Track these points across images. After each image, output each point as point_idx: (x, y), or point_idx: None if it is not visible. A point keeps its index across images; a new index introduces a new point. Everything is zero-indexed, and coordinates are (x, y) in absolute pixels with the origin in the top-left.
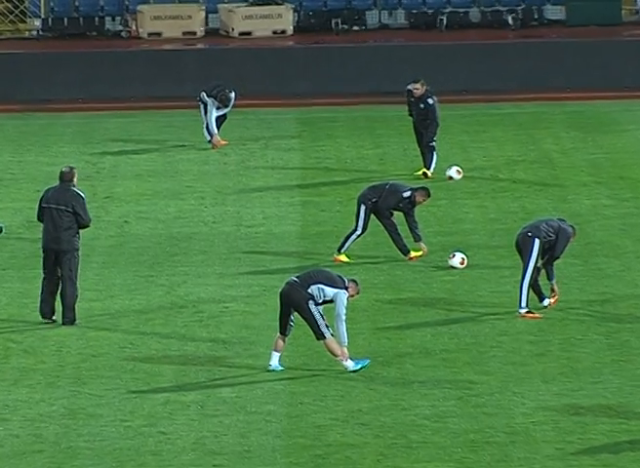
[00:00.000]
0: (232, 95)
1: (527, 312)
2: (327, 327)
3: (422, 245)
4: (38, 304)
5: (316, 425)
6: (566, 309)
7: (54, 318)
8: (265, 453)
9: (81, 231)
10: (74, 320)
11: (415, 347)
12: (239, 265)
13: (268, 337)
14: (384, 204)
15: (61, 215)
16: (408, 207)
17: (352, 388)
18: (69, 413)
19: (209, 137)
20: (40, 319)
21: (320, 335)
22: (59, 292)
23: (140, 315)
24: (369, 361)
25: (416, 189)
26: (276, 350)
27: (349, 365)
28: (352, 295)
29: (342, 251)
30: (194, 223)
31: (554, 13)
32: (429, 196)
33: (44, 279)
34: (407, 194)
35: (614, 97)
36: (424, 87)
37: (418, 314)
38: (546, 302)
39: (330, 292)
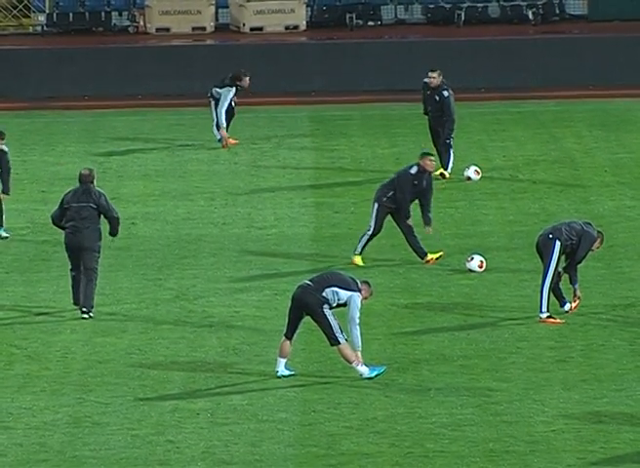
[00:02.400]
0: (247, 78)
1: (548, 317)
2: (341, 332)
3: (430, 229)
4: (71, 294)
5: (330, 434)
6: (588, 314)
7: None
8: (277, 463)
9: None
10: (92, 308)
11: (431, 353)
12: (250, 268)
13: None
14: (402, 192)
15: (83, 213)
16: (425, 179)
17: (367, 395)
18: (75, 421)
19: (219, 136)
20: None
21: (334, 341)
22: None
23: (147, 320)
24: (385, 368)
25: (418, 161)
26: (282, 356)
27: (364, 371)
28: (365, 298)
29: (356, 252)
30: (204, 225)
31: (576, 7)
32: (432, 155)
33: (71, 270)
34: (414, 169)
35: (638, 95)
36: (441, 77)
37: (435, 319)
38: (567, 307)
39: (344, 294)
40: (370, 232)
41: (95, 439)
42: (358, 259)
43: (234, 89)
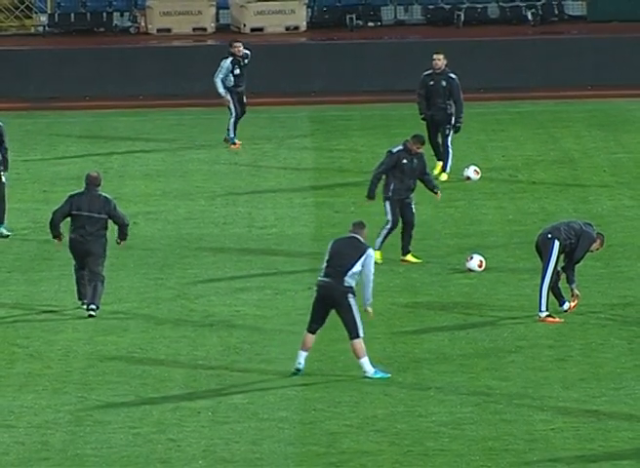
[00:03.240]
0: (237, 44)
1: (547, 316)
2: (362, 325)
3: (439, 193)
4: (75, 290)
5: (330, 432)
6: (587, 313)
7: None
8: (278, 461)
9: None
10: (97, 308)
11: (431, 352)
12: (251, 268)
13: (281, 342)
14: (376, 167)
15: (93, 223)
16: (417, 159)
17: (367, 394)
18: (76, 420)
19: (232, 135)
20: (78, 304)
21: (356, 334)
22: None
23: (148, 319)
24: (389, 376)
25: (406, 140)
26: (304, 349)
27: (369, 370)
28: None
29: (376, 248)
30: (204, 224)
31: (575, 8)
32: (422, 143)
33: (75, 265)
34: (397, 148)
35: (636, 96)
36: (445, 61)
37: (434, 318)
38: (566, 306)
39: (360, 264)
40: (389, 226)
41: (96, 437)
42: (378, 255)
43: (229, 58)
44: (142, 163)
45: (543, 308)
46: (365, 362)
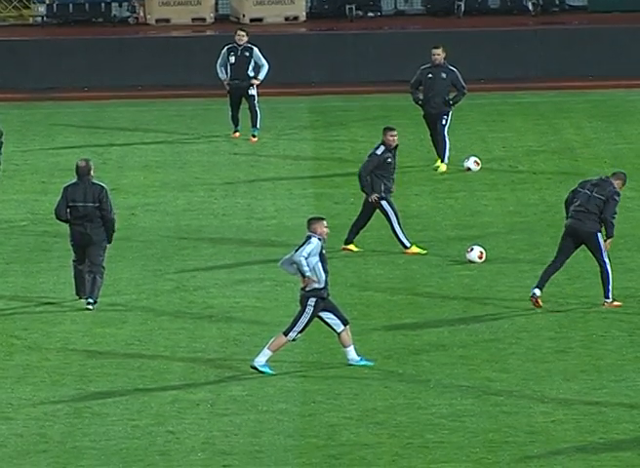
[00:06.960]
0: (238, 31)
1: (612, 301)
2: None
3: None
4: (73, 286)
5: (330, 424)
6: (587, 305)
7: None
8: (277, 453)
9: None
10: (95, 302)
11: (431, 344)
12: (250, 259)
13: None
14: (364, 168)
15: (90, 213)
16: (395, 155)
17: (367, 386)
18: (75, 412)
19: (233, 128)
20: (76, 298)
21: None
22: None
23: (147, 311)
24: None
25: (382, 140)
26: (347, 346)
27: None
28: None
29: (407, 244)
30: (204, 216)
31: None
32: (389, 129)
33: (75, 261)
34: (379, 149)
35: (637, 86)
36: (444, 54)
37: (434, 310)
38: (538, 293)
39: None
40: (396, 220)
41: (95, 429)
42: (415, 248)
43: (228, 45)
44: (141, 154)
45: (610, 295)
46: (264, 355)
